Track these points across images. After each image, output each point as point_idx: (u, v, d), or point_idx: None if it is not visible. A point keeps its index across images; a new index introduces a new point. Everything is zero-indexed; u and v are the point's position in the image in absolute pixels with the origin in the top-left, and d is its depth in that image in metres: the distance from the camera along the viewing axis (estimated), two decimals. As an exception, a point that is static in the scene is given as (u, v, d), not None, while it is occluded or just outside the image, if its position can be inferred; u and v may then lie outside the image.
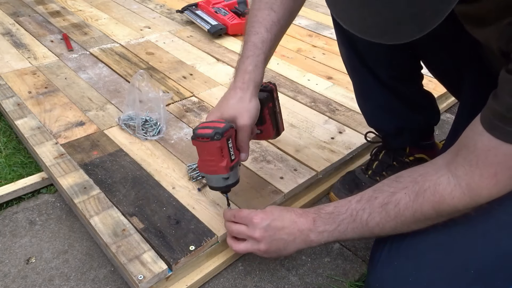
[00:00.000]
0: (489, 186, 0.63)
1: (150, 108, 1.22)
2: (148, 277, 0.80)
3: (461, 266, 0.68)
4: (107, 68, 1.57)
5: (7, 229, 1.01)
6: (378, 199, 0.73)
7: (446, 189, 0.66)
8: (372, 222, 0.73)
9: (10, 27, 1.86)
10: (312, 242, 0.79)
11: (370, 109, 1.07)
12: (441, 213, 0.68)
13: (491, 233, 0.69)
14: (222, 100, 0.85)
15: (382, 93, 1.00)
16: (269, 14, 0.83)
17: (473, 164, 0.63)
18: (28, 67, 1.54)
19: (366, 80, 1.00)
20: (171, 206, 0.97)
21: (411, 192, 0.69)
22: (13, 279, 0.89)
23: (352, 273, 0.94)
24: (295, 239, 0.79)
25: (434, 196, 0.67)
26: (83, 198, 0.98)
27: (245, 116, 0.82)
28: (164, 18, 2.06)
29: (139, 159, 1.11)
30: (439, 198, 0.66)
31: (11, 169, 1.17)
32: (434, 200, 0.67)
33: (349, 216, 0.75)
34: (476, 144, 0.62)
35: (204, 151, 0.82)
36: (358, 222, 0.74)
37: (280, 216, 0.80)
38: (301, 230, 0.78)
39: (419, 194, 0.68)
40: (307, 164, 1.12)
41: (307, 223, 0.78)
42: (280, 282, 0.91)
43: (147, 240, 0.88)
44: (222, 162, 0.82)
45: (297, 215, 0.80)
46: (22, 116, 1.26)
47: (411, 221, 0.70)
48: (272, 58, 1.80)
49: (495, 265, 0.68)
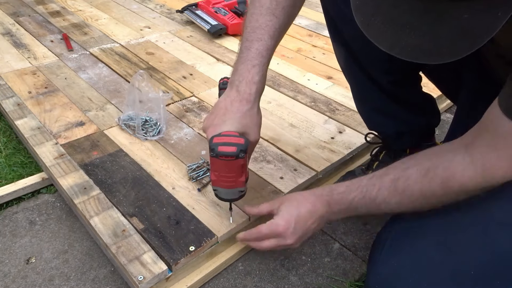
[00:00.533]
0: (505, 168, 0.63)
1: (150, 108, 1.22)
2: (148, 278, 0.80)
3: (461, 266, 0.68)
4: (107, 68, 1.57)
5: (7, 229, 1.01)
6: (389, 175, 0.74)
7: (458, 167, 0.66)
8: (380, 197, 0.74)
9: (10, 27, 1.86)
10: (331, 221, 0.84)
11: (369, 113, 1.07)
12: (448, 191, 0.68)
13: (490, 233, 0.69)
14: (224, 110, 0.81)
15: (381, 97, 1.00)
16: (271, 20, 0.81)
17: (491, 145, 0.63)
18: (28, 67, 1.54)
19: (364, 85, 1.00)
20: (171, 207, 0.97)
21: (422, 168, 0.70)
22: (13, 279, 0.89)
23: (352, 273, 0.94)
24: (318, 225, 0.81)
25: (444, 172, 0.67)
26: (83, 198, 0.98)
27: (255, 131, 0.82)
28: (164, 18, 2.06)
29: (139, 159, 1.11)
30: (450, 174, 0.67)
31: (11, 169, 1.17)
32: (444, 175, 0.67)
33: (360, 193, 0.76)
34: (496, 127, 0.63)
35: (226, 169, 0.79)
36: (367, 198, 0.75)
37: (300, 216, 0.80)
38: (321, 216, 0.80)
39: (430, 169, 0.69)
40: (307, 164, 1.12)
41: (324, 208, 0.80)
42: (280, 282, 0.91)
43: (147, 241, 0.88)
44: (241, 177, 0.81)
45: (313, 204, 0.80)
46: (22, 116, 1.26)
47: (416, 197, 0.71)
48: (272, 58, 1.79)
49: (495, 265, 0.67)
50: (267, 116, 1.31)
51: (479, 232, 0.70)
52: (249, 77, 0.80)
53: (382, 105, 1.01)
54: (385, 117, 1.03)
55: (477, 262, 0.67)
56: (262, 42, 0.80)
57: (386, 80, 0.96)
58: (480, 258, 0.68)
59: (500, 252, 0.67)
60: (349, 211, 0.79)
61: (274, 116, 1.32)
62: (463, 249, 0.69)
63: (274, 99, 1.41)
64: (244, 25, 0.83)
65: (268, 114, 1.32)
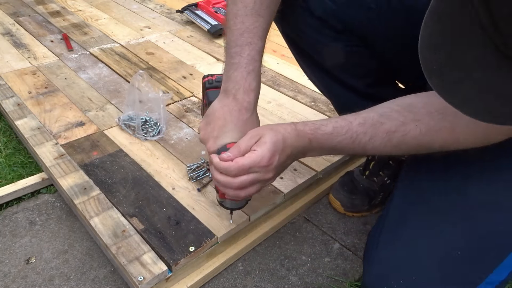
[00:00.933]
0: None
1: (150, 108, 1.22)
2: (148, 278, 0.80)
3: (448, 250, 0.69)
4: (107, 68, 1.57)
5: (7, 229, 1.01)
6: (384, 126, 0.69)
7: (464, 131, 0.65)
8: (370, 145, 0.71)
9: (10, 27, 1.86)
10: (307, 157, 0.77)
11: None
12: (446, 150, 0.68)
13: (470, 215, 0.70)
14: (223, 120, 0.77)
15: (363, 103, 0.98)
16: (257, 20, 0.77)
17: None
18: (28, 67, 1.54)
19: (344, 95, 0.99)
20: (171, 207, 0.97)
21: (423, 126, 0.67)
22: (13, 279, 0.90)
23: (352, 273, 0.94)
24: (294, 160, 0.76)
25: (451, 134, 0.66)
26: (83, 198, 0.98)
27: None
28: (164, 18, 2.06)
29: (139, 159, 1.11)
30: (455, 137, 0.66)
31: (11, 169, 1.17)
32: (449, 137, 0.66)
33: (348, 138, 0.71)
34: None
35: None
36: (356, 144, 0.71)
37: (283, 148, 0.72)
38: (301, 152, 0.74)
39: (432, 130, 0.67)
40: (307, 164, 1.12)
41: (304, 143, 0.73)
42: (280, 282, 0.91)
43: (147, 241, 0.88)
44: None
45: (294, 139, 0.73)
46: (22, 116, 1.26)
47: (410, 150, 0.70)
48: (272, 58, 1.79)
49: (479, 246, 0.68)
50: (267, 116, 1.31)
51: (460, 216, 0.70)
52: (246, 84, 0.77)
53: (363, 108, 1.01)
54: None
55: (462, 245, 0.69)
56: (253, 45, 0.77)
57: (363, 84, 0.96)
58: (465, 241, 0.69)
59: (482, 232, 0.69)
60: (330, 151, 0.75)
61: (274, 116, 1.32)
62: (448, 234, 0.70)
63: (274, 99, 1.41)
64: (228, 27, 0.79)
65: (268, 114, 1.32)
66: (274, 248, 0.99)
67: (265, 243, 1.00)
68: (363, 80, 0.96)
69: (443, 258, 0.68)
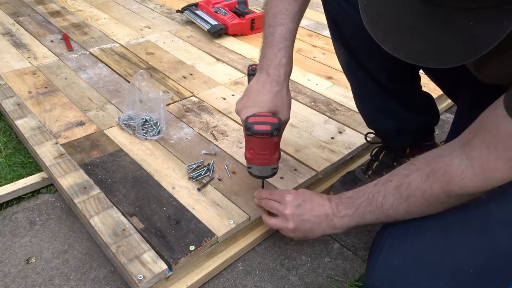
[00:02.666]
0: (503, 169, 0.63)
1: (150, 108, 1.22)
2: (148, 277, 0.80)
3: (461, 264, 0.68)
4: (107, 68, 1.57)
5: (7, 229, 1.01)
6: (392, 182, 0.75)
7: (457, 170, 0.67)
8: (387, 204, 0.75)
9: (10, 27, 1.86)
10: (336, 227, 0.82)
11: (369, 111, 1.07)
12: (449, 194, 0.68)
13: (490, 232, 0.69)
14: (256, 92, 0.84)
15: (380, 96, 1.00)
16: (290, 3, 0.84)
17: (491, 146, 0.63)
18: (28, 67, 1.54)
19: (364, 83, 1.00)
20: (171, 206, 0.97)
21: (423, 173, 0.71)
22: (13, 279, 0.89)
23: (352, 273, 0.94)
24: (321, 222, 0.83)
25: (444, 176, 0.68)
26: (83, 198, 0.98)
27: (285, 110, 0.86)
28: (164, 18, 2.06)
29: (139, 159, 1.11)
30: (449, 178, 0.67)
31: (11, 169, 1.17)
32: (443, 180, 0.68)
33: (366, 200, 0.78)
34: (498, 128, 0.62)
35: (261, 146, 0.84)
36: (374, 204, 0.77)
37: (310, 199, 0.85)
38: (326, 215, 0.82)
39: (430, 175, 0.70)
40: (307, 164, 1.12)
41: (331, 208, 0.82)
42: (280, 282, 0.91)
43: (147, 240, 0.88)
44: (275, 155, 0.86)
45: (323, 200, 0.84)
46: (22, 116, 1.26)
47: (421, 203, 0.71)
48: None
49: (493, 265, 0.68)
50: (267, 116, 1.31)
51: (479, 232, 0.70)
52: (277, 60, 0.83)
53: (382, 103, 1.01)
54: (384, 115, 1.04)
55: (476, 261, 0.67)
56: (285, 26, 0.84)
57: (386, 78, 0.97)
58: (480, 257, 0.68)
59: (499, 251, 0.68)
60: (355, 217, 0.79)
61: (274, 116, 1.32)
62: (463, 248, 0.69)
63: (274, 99, 1.41)
64: (265, 11, 0.87)
65: (268, 114, 1.32)
66: (274, 248, 0.99)
67: (265, 243, 1.00)
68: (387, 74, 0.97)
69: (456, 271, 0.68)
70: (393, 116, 1.03)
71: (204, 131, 1.24)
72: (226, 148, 1.17)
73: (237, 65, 1.63)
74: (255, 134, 0.81)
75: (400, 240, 0.74)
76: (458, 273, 0.68)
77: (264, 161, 0.86)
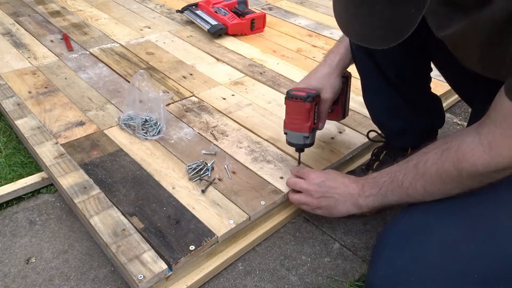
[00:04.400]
0: (510, 145, 0.65)
1: (150, 108, 1.22)
2: (148, 277, 0.80)
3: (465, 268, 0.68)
4: (107, 68, 1.57)
5: (7, 229, 1.01)
6: (413, 160, 0.78)
7: (468, 146, 0.69)
8: (406, 182, 0.78)
9: (10, 27, 1.86)
10: (361, 207, 0.87)
11: (375, 106, 1.07)
12: (461, 172, 0.70)
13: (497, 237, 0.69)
14: (312, 72, 1.01)
15: (388, 91, 1.00)
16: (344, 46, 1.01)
17: (497, 124, 0.66)
18: (28, 67, 1.54)
19: (373, 76, 1.00)
20: (171, 206, 0.97)
21: (439, 150, 0.74)
22: (13, 279, 0.89)
23: (352, 273, 0.94)
24: (345, 201, 0.89)
25: (456, 153, 0.71)
26: (83, 198, 0.98)
27: (329, 90, 0.98)
28: (164, 18, 2.07)
29: (139, 159, 1.11)
30: (460, 154, 0.70)
31: (11, 169, 1.17)
32: (455, 156, 0.71)
33: (389, 178, 0.82)
34: (502, 108, 0.65)
35: (295, 110, 0.96)
36: (395, 183, 0.80)
37: (334, 178, 0.92)
38: (351, 194, 0.88)
39: (444, 151, 0.73)
40: (307, 164, 1.12)
41: (357, 188, 0.87)
42: (280, 282, 0.91)
43: (147, 240, 0.88)
44: (307, 122, 0.97)
45: (350, 180, 0.90)
46: (22, 116, 1.26)
47: (436, 180, 0.74)
48: (272, 58, 1.79)
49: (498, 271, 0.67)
50: (267, 116, 1.31)
51: (485, 236, 0.69)
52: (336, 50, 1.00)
53: (390, 99, 1.01)
54: (390, 112, 1.04)
55: (482, 265, 0.67)
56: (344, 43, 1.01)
57: (395, 74, 0.97)
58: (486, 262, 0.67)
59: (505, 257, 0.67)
60: (378, 196, 0.83)
61: (274, 116, 1.32)
62: (468, 252, 0.69)
63: (274, 99, 1.41)
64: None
65: (268, 114, 1.32)
66: (274, 248, 0.99)
67: (265, 243, 1.00)
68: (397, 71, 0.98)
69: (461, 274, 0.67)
70: (398, 114, 1.03)
71: (204, 131, 1.24)
72: (226, 148, 1.17)
73: (237, 65, 1.63)
74: (291, 97, 0.95)
75: (405, 240, 0.73)
76: (462, 277, 0.67)
77: (296, 126, 0.97)
